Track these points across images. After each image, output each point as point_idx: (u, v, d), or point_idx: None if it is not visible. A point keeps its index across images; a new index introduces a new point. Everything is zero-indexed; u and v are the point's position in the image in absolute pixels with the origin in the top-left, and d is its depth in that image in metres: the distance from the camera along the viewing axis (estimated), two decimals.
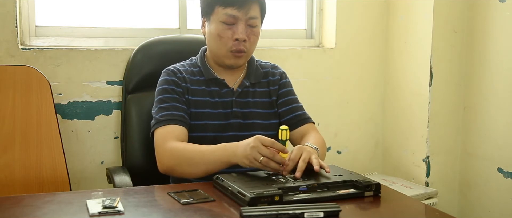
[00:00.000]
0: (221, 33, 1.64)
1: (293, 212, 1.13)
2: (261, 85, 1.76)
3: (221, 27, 1.64)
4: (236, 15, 1.62)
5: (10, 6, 1.97)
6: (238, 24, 1.63)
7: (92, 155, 2.15)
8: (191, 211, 1.21)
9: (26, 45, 2.06)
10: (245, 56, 1.69)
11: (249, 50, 1.68)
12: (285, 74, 1.83)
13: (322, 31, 2.64)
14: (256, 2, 1.65)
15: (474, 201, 2.50)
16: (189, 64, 1.75)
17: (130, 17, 2.29)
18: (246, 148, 1.39)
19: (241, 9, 1.62)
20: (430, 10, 2.40)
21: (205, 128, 1.66)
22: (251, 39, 1.66)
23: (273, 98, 1.76)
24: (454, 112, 2.53)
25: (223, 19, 1.63)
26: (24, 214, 1.18)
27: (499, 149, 2.35)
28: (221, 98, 1.69)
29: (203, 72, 1.71)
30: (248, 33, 1.65)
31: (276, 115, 1.76)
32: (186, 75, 1.70)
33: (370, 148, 2.73)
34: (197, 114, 1.66)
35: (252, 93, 1.73)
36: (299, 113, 1.77)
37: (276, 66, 1.84)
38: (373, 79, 2.68)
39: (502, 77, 2.32)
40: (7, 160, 1.81)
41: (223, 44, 1.65)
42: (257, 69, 1.78)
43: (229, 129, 1.68)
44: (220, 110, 1.68)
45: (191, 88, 1.68)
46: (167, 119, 1.60)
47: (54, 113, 1.89)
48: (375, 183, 1.34)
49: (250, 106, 1.71)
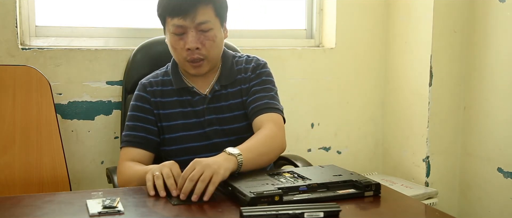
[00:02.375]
0: (174, 45, 1.60)
1: (293, 212, 1.13)
2: (234, 85, 1.68)
3: (173, 39, 1.59)
4: (183, 25, 1.55)
5: (10, 6, 1.97)
6: (188, 33, 1.56)
7: (92, 155, 2.15)
8: (191, 211, 1.21)
9: (26, 45, 2.07)
10: (206, 63, 1.62)
11: (209, 55, 1.60)
12: (260, 66, 1.69)
13: (322, 31, 2.64)
14: (204, 6, 1.56)
15: (474, 201, 2.50)
16: (162, 73, 1.71)
17: (130, 17, 2.29)
18: (161, 164, 1.37)
19: (187, 18, 1.54)
20: (430, 10, 2.40)
21: (182, 140, 1.63)
22: (206, 45, 1.58)
23: (244, 99, 1.66)
24: (454, 112, 2.53)
25: (172, 30, 1.58)
26: (24, 214, 1.18)
27: (499, 149, 2.35)
28: (193, 108, 1.64)
29: (173, 81, 1.66)
30: (201, 40, 1.57)
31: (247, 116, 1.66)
32: (158, 88, 1.66)
33: (370, 148, 2.73)
34: (171, 127, 1.64)
35: (225, 96, 1.66)
36: (258, 103, 1.61)
37: (252, 59, 1.71)
38: (373, 79, 2.68)
39: (502, 77, 2.31)
40: (7, 160, 1.81)
41: (178, 54, 1.61)
42: (231, 69, 1.69)
43: (208, 137, 1.63)
44: (194, 119, 1.64)
45: (162, 101, 1.65)
46: (128, 140, 1.63)
47: (54, 113, 1.89)
48: (375, 183, 1.34)
49: (224, 111, 1.65)
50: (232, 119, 1.65)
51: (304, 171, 1.42)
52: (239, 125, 1.65)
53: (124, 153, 1.62)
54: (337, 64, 2.58)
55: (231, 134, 1.64)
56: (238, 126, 1.65)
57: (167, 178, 1.31)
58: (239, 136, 1.61)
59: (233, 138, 1.63)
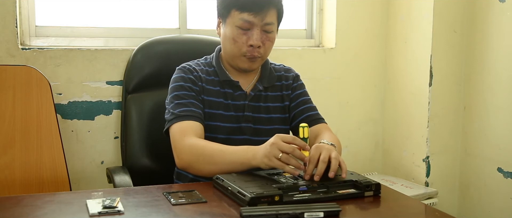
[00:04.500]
0: (236, 38, 1.61)
1: (293, 212, 1.13)
2: (274, 90, 1.74)
3: (236, 32, 1.61)
4: (252, 21, 1.59)
5: (10, 6, 1.97)
6: (254, 30, 1.60)
7: (92, 155, 2.15)
8: (191, 211, 1.21)
9: (26, 45, 2.06)
10: (260, 61, 1.67)
11: (264, 55, 1.66)
12: (298, 77, 1.80)
13: (322, 31, 2.64)
14: (273, 8, 1.62)
15: (474, 201, 2.50)
16: (204, 63, 1.73)
17: (130, 17, 2.29)
18: (266, 146, 1.37)
19: (257, 15, 1.58)
20: (430, 10, 2.40)
21: (216, 130, 1.64)
22: (266, 45, 1.64)
23: (286, 104, 1.74)
24: (454, 112, 2.53)
25: (238, 24, 1.60)
26: (24, 214, 1.18)
27: (499, 149, 2.35)
28: (234, 101, 1.67)
29: (218, 73, 1.69)
30: (263, 39, 1.62)
31: (286, 121, 1.74)
32: (202, 75, 1.68)
33: (370, 148, 2.73)
34: (211, 114, 1.64)
35: (264, 97, 1.71)
36: (312, 113, 1.74)
37: (290, 69, 1.81)
38: (373, 79, 2.68)
39: (502, 77, 2.32)
40: (7, 160, 1.81)
41: (237, 48, 1.63)
42: (271, 72, 1.75)
43: (239, 132, 1.66)
44: (232, 112, 1.66)
45: (206, 88, 1.66)
46: (186, 115, 1.56)
47: (54, 113, 1.89)
48: (375, 183, 1.34)
49: (261, 111, 1.69)
50: (267, 120, 1.70)
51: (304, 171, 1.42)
52: (270, 127, 1.69)
53: (186, 127, 1.54)
54: (337, 64, 2.58)
55: (263, 134, 1.67)
56: (270, 128, 1.69)
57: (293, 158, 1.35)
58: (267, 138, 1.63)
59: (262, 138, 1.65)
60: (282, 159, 1.33)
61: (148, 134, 1.91)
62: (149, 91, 1.95)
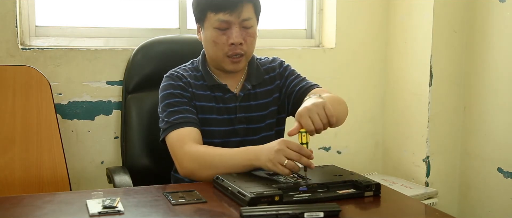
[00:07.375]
0: (216, 39, 1.60)
1: (293, 212, 1.13)
2: (264, 85, 1.73)
3: (216, 33, 1.60)
4: (228, 20, 1.57)
5: (10, 6, 1.97)
6: (232, 28, 1.59)
7: (92, 155, 2.15)
8: (191, 211, 1.21)
9: (26, 45, 2.06)
10: (245, 59, 1.66)
11: (248, 52, 1.64)
12: (283, 63, 1.78)
13: (322, 31, 2.64)
14: (248, 3, 1.60)
15: (474, 201, 2.50)
16: (191, 68, 1.71)
17: (130, 17, 2.29)
18: (270, 151, 1.36)
19: (233, 13, 1.57)
20: (430, 10, 2.40)
21: (212, 134, 1.64)
22: (248, 41, 1.62)
23: (278, 95, 1.73)
24: (454, 112, 2.52)
25: (216, 25, 1.59)
26: (24, 214, 1.18)
27: (499, 149, 2.35)
28: (225, 104, 1.67)
29: (205, 77, 1.68)
30: (244, 36, 1.61)
31: (281, 110, 1.74)
32: (191, 81, 1.66)
33: (370, 148, 2.73)
34: (204, 119, 1.64)
35: (254, 95, 1.70)
36: (303, 84, 1.71)
37: (274, 58, 1.79)
38: (373, 79, 2.68)
39: (502, 77, 2.32)
40: (7, 160, 1.81)
41: (219, 49, 1.61)
42: (258, 69, 1.74)
43: (235, 134, 1.66)
44: (225, 115, 1.66)
45: (197, 93, 1.65)
46: (182, 122, 1.56)
47: (54, 113, 1.89)
48: (375, 183, 1.34)
49: (253, 110, 1.69)
50: (259, 118, 1.69)
51: (304, 171, 1.42)
52: (263, 124, 1.70)
53: (184, 134, 1.54)
54: (337, 64, 2.58)
55: (258, 133, 1.68)
56: (263, 126, 1.69)
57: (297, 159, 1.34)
58: (263, 135, 1.64)
59: (258, 136, 1.67)
60: (288, 166, 1.33)
61: (148, 134, 1.91)
62: (149, 91, 1.95)
